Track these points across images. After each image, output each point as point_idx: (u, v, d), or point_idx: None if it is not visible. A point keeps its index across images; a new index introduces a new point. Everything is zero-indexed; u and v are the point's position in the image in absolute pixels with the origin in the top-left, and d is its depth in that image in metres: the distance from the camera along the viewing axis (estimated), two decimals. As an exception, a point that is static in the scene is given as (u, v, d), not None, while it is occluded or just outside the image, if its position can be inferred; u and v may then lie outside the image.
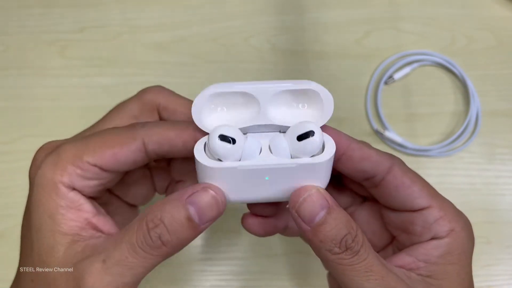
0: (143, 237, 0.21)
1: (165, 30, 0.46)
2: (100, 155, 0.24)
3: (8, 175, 0.42)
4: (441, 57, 0.44)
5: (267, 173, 0.22)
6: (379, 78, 0.44)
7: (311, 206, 0.22)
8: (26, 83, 0.45)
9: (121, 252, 0.21)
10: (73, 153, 0.24)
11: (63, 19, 0.46)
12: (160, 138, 0.24)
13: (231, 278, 0.40)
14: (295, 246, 0.40)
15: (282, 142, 0.23)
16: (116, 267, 0.21)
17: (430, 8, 0.46)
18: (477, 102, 0.42)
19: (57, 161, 0.24)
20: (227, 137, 0.22)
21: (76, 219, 0.24)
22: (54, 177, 0.23)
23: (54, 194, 0.23)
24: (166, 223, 0.21)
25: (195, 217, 0.22)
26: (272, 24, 0.46)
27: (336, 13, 0.46)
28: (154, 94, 0.28)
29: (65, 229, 0.23)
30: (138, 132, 0.24)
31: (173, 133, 0.24)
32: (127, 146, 0.24)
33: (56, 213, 0.23)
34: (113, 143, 0.24)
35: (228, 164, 0.22)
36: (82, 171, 0.24)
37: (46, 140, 0.43)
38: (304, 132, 0.22)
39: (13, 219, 0.41)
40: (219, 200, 0.22)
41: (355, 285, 0.22)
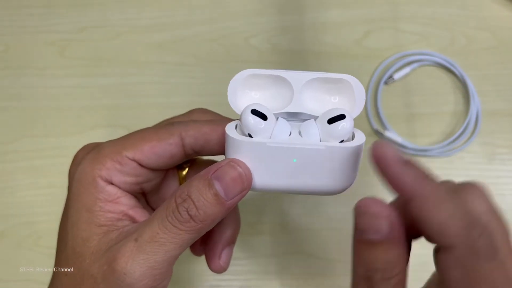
0: (172, 212, 0.22)
1: (165, 30, 0.46)
2: (140, 149, 0.25)
3: (8, 175, 0.42)
4: (441, 57, 0.44)
5: (295, 155, 0.22)
6: (379, 78, 0.44)
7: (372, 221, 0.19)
8: (26, 83, 0.45)
9: (152, 229, 0.22)
10: (112, 149, 0.25)
11: (63, 19, 0.46)
12: (196, 133, 0.25)
13: (231, 278, 0.40)
14: (295, 246, 0.40)
15: (313, 127, 0.23)
16: (148, 244, 0.22)
17: (430, 8, 0.46)
18: (477, 102, 0.42)
19: (96, 157, 0.25)
20: (259, 111, 0.22)
21: (113, 211, 0.24)
22: (93, 171, 0.25)
23: (93, 187, 0.24)
24: (193, 198, 0.22)
25: (221, 192, 0.22)
26: (272, 24, 0.46)
27: (336, 13, 0.46)
28: (200, 114, 0.29)
29: (102, 221, 0.24)
30: (175, 127, 0.25)
31: (208, 128, 0.25)
32: (165, 140, 0.25)
33: (94, 205, 0.24)
34: (152, 138, 0.25)
35: (258, 139, 0.22)
36: (120, 165, 0.25)
37: (46, 140, 0.43)
38: (335, 115, 0.22)
39: (13, 219, 0.42)
40: (243, 174, 0.22)
41: None
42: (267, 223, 0.41)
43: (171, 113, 0.30)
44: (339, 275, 0.40)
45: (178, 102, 0.44)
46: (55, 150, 0.43)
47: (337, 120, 0.22)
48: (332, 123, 0.22)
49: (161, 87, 0.44)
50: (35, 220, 0.41)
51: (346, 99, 0.24)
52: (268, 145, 0.22)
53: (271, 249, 0.40)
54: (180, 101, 0.44)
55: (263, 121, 0.22)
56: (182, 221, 0.22)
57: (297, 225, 0.41)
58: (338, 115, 0.22)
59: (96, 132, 0.43)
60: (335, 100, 0.25)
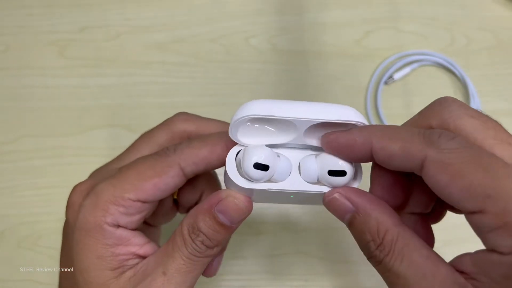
0: (191, 246, 0.24)
1: (165, 30, 0.46)
2: (141, 189, 0.24)
3: (8, 175, 0.42)
4: (441, 57, 0.44)
5: (293, 193, 0.24)
6: (379, 78, 0.44)
7: (335, 211, 0.23)
8: (26, 83, 0.45)
9: (176, 262, 0.24)
10: (111, 192, 0.24)
11: (63, 19, 0.46)
12: (195, 159, 0.25)
13: (231, 278, 0.40)
14: (295, 246, 0.40)
15: (312, 165, 0.24)
16: (177, 275, 0.24)
17: (430, 8, 0.46)
18: (477, 102, 0.42)
19: (96, 202, 0.24)
20: (262, 164, 0.23)
21: (124, 253, 0.25)
22: (96, 219, 0.24)
23: (101, 235, 0.24)
24: (204, 231, 0.24)
25: (226, 222, 0.24)
26: (272, 24, 0.46)
27: (336, 13, 0.46)
28: (182, 122, 0.28)
29: (115, 265, 0.24)
30: (173, 158, 0.25)
31: (206, 151, 0.25)
32: (165, 174, 0.25)
33: (105, 252, 0.24)
34: (151, 174, 0.25)
35: (259, 186, 0.23)
36: (125, 208, 0.24)
37: (46, 140, 0.43)
38: (337, 170, 0.23)
39: (13, 219, 0.41)
40: (243, 206, 0.24)
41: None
42: (267, 223, 0.41)
43: (171, 113, 0.30)
44: (339, 275, 0.40)
45: (178, 102, 0.44)
46: (55, 150, 0.43)
47: (338, 175, 0.23)
48: (332, 175, 0.23)
49: (161, 87, 0.44)
50: (35, 220, 0.41)
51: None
52: (268, 191, 0.23)
53: (271, 249, 0.40)
54: (180, 101, 0.44)
55: (265, 172, 0.23)
56: (200, 251, 0.24)
57: (297, 225, 0.41)
58: (340, 171, 0.23)
59: (96, 132, 0.43)
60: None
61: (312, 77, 0.44)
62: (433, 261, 0.20)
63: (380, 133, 0.21)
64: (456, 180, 0.19)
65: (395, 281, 0.20)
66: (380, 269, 0.21)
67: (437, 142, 0.20)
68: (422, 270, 0.20)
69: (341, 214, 0.22)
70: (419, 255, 0.20)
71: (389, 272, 0.20)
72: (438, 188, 0.20)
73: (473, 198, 0.19)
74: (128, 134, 0.43)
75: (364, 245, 0.22)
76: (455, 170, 0.19)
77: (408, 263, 0.20)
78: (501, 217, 0.18)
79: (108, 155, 0.32)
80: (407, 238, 0.21)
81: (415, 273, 0.20)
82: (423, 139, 0.20)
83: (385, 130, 0.22)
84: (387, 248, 0.20)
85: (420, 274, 0.20)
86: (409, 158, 0.20)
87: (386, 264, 0.20)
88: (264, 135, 0.24)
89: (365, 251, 0.22)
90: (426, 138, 0.20)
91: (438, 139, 0.20)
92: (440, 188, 0.19)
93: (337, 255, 0.40)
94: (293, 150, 0.24)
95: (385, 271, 0.21)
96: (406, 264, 0.20)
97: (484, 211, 0.18)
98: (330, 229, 0.40)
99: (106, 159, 0.31)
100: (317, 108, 0.23)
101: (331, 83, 0.44)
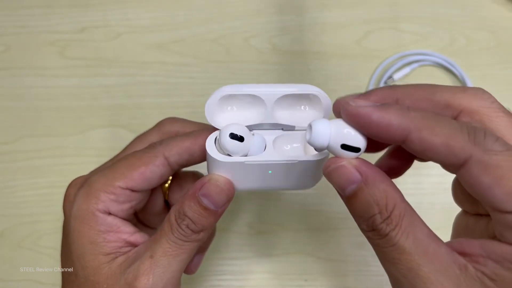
0: (176, 230, 0.25)
1: (165, 30, 0.46)
2: (130, 177, 0.26)
3: (8, 175, 0.42)
4: (441, 57, 0.44)
5: (270, 167, 0.25)
6: (379, 78, 0.44)
7: (340, 178, 0.21)
8: (27, 83, 0.45)
9: (162, 246, 0.25)
10: (103, 181, 0.27)
11: (63, 19, 0.46)
12: (179, 149, 0.27)
13: (231, 278, 0.40)
14: (295, 246, 0.40)
15: (325, 129, 0.22)
16: (163, 258, 0.25)
17: (430, 8, 0.46)
18: (477, 102, 0.42)
19: (89, 191, 0.26)
20: (237, 135, 0.24)
21: (116, 240, 0.26)
22: (89, 207, 0.26)
23: (93, 222, 0.26)
24: (189, 215, 0.25)
25: (210, 205, 0.25)
26: (272, 24, 0.46)
27: (336, 14, 0.46)
28: (171, 124, 0.30)
29: (107, 250, 0.26)
30: (158, 149, 0.27)
31: (189, 142, 0.27)
32: (151, 164, 0.27)
33: (97, 237, 0.26)
34: (139, 163, 0.27)
35: (237, 159, 0.25)
36: (115, 196, 0.26)
37: (46, 140, 0.43)
38: (353, 146, 0.22)
39: (13, 219, 0.42)
40: (224, 188, 0.25)
41: (382, 265, 0.22)
42: (267, 223, 0.41)
43: (171, 113, 0.30)
44: (339, 275, 0.40)
45: (178, 102, 0.44)
46: (55, 150, 0.43)
47: (352, 150, 0.22)
48: (345, 149, 0.22)
49: (161, 87, 0.44)
50: (35, 220, 0.41)
51: (314, 107, 0.27)
52: (246, 163, 0.25)
53: (271, 249, 0.40)
54: (180, 101, 0.44)
55: (240, 142, 0.24)
56: (186, 235, 0.25)
57: (297, 225, 0.41)
58: (355, 147, 0.22)
59: (96, 132, 0.43)
60: (305, 109, 0.27)
61: (312, 77, 0.44)
62: (434, 239, 0.20)
63: (422, 122, 0.20)
64: (501, 182, 0.19)
65: (397, 256, 0.20)
66: (382, 242, 0.21)
67: (483, 143, 0.20)
68: (425, 246, 0.20)
69: (345, 184, 0.21)
70: (422, 232, 0.20)
71: (393, 247, 0.20)
72: (480, 188, 0.20)
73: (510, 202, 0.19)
74: (128, 134, 0.43)
75: (367, 217, 0.21)
76: (501, 173, 0.19)
77: (413, 239, 0.20)
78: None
79: (108, 155, 0.32)
80: (412, 214, 0.21)
81: (419, 250, 0.20)
82: (468, 137, 0.20)
83: (427, 119, 0.20)
84: (395, 222, 0.20)
85: (423, 251, 0.20)
86: (451, 155, 0.20)
87: (392, 239, 0.20)
88: (238, 117, 0.26)
89: (367, 223, 0.21)
90: (471, 136, 0.20)
91: (484, 140, 0.20)
92: (482, 188, 0.19)
93: (337, 255, 0.40)
94: (267, 131, 0.26)
95: (388, 245, 0.20)
96: (411, 241, 0.20)
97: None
98: (330, 229, 0.40)
99: (106, 159, 0.31)
100: (277, 85, 0.26)
101: (331, 83, 0.44)
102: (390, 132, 0.20)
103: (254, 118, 0.26)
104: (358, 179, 0.21)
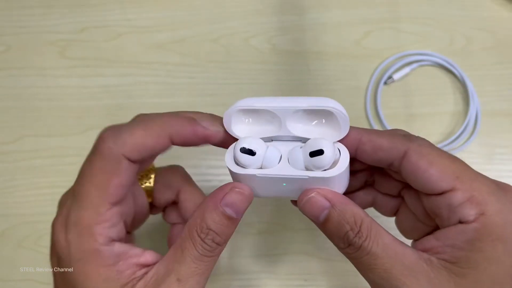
0: (202, 246, 0.24)
1: (165, 30, 0.46)
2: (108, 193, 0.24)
3: (8, 175, 0.42)
4: (441, 57, 0.44)
5: (284, 181, 0.25)
6: (378, 78, 0.44)
7: (313, 208, 0.25)
8: (27, 83, 0.45)
9: (188, 265, 0.24)
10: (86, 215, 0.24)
11: (63, 19, 0.46)
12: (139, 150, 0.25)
13: (232, 277, 0.40)
14: (295, 246, 0.40)
15: (298, 154, 0.25)
16: (191, 279, 0.24)
17: (430, 8, 0.46)
18: (477, 102, 0.43)
19: (81, 231, 0.24)
20: (248, 149, 0.25)
21: (128, 268, 0.25)
22: (90, 246, 0.24)
23: (100, 259, 0.24)
24: (214, 229, 0.24)
25: (233, 214, 0.25)
26: (272, 24, 0.46)
27: (336, 14, 0.46)
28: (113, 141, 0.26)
29: (123, 281, 0.24)
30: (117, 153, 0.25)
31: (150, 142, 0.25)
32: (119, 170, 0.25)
33: (110, 273, 0.24)
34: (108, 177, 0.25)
35: (249, 171, 0.26)
36: (109, 222, 0.25)
37: (46, 140, 0.43)
38: (315, 150, 0.24)
39: (13, 219, 0.42)
40: (246, 194, 0.25)
41: (363, 275, 0.24)
42: (267, 223, 0.41)
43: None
44: (339, 275, 0.40)
45: (178, 102, 0.44)
46: (55, 150, 0.43)
47: (317, 154, 0.24)
48: (313, 156, 0.24)
49: (161, 87, 0.44)
50: (35, 220, 0.41)
51: (332, 120, 0.26)
52: (258, 176, 0.25)
53: (271, 249, 0.40)
54: (180, 101, 0.44)
55: (252, 156, 0.25)
56: (211, 249, 0.25)
57: (297, 225, 0.41)
58: (318, 150, 0.24)
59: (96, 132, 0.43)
60: (322, 122, 0.26)
61: (312, 77, 0.44)
62: (399, 243, 0.24)
63: (370, 131, 0.26)
64: (433, 165, 0.24)
65: (373, 262, 0.23)
66: (358, 254, 0.24)
67: (415, 140, 0.25)
68: (394, 249, 0.24)
69: (318, 211, 0.25)
70: (388, 238, 0.24)
71: (368, 255, 0.23)
72: (419, 172, 0.24)
73: (446, 178, 0.24)
74: (128, 134, 0.43)
75: (341, 236, 0.24)
76: (432, 158, 0.24)
77: (382, 245, 0.24)
78: (468, 193, 0.23)
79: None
80: (377, 226, 0.24)
81: (389, 253, 0.23)
82: (404, 137, 0.25)
83: (371, 129, 0.26)
84: (365, 234, 0.24)
85: (393, 253, 0.23)
86: (394, 149, 0.25)
87: (365, 248, 0.23)
88: (256, 128, 0.27)
89: (343, 241, 0.24)
90: (406, 137, 0.25)
91: (416, 139, 0.26)
92: (421, 171, 0.24)
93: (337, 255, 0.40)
94: (285, 142, 0.27)
95: (364, 254, 0.24)
96: (381, 246, 0.23)
97: (454, 189, 0.23)
98: (330, 229, 0.40)
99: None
100: (294, 99, 0.26)
101: (331, 83, 0.44)
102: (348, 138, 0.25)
103: (270, 130, 0.27)
104: (327, 205, 0.24)
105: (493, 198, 0.23)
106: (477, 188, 0.23)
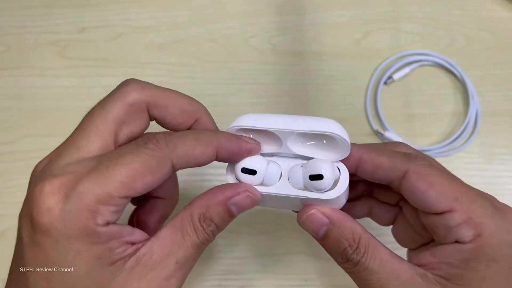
0: (202, 234, 0.25)
1: (165, 30, 0.46)
2: (132, 187, 0.23)
3: (8, 175, 0.42)
4: (441, 58, 0.44)
5: (284, 198, 0.26)
6: (378, 78, 0.44)
7: (312, 224, 0.26)
8: (27, 83, 0.45)
9: (188, 251, 0.25)
10: (98, 192, 0.23)
11: (63, 19, 0.46)
12: (187, 157, 0.25)
13: (232, 277, 0.40)
14: (295, 246, 0.40)
15: (298, 174, 0.26)
16: (187, 264, 0.25)
17: (430, 8, 0.46)
18: (477, 102, 0.43)
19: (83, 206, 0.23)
20: (248, 169, 0.26)
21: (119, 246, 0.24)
22: (87, 223, 0.23)
23: (94, 237, 0.23)
24: (216, 222, 0.25)
25: (236, 213, 0.26)
26: (272, 24, 0.46)
27: (335, 14, 0.46)
28: (138, 92, 0.27)
29: (114, 259, 0.24)
30: (166, 154, 0.24)
31: (199, 152, 0.25)
32: (159, 173, 0.24)
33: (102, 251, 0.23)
34: (144, 171, 0.23)
35: None
36: (115, 207, 0.23)
37: (46, 140, 0.43)
38: (315, 174, 0.25)
39: (13, 219, 0.41)
40: (256, 201, 0.26)
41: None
42: (267, 223, 0.41)
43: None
44: (339, 275, 0.39)
45: (178, 102, 0.44)
46: (55, 150, 0.43)
47: (317, 179, 0.25)
48: (312, 179, 0.25)
49: (161, 87, 0.44)
50: (35, 220, 0.41)
51: (333, 142, 0.26)
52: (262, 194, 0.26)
53: (271, 249, 0.40)
54: (180, 101, 0.44)
55: (252, 176, 0.26)
56: (209, 239, 0.26)
57: (297, 225, 0.41)
58: (317, 175, 0.25)
59: (96, 132, 0.43)
60: (323, 143, 0.26)
61: (312, 77, 0.44)
62: (396, 258, 0.25)
63: (370, 148, 0.26)
64: (432, 186, 0.25)
65: (370, 277, 0.24)
66: (356, 269, 0.25)
67: (415, 160, 0.26)
68: (390, 265, 0.25)
69: (317, 228, 0.26)
70: (385, 254, 0.25)
71: (365, 270, 0.24)
72: (418, 193, 0.25)
73: (445, 200, 0.24)
74: (128, 134, 0.43)
75: (340, 251, 0.25)
76: (431, 179, 0.25)
77: (379, 261, 0.24)
78: (466, 214, 0.24)
79: (109, 155, 0.32)
80: (375, 241, 0.25)
81: (386, 268, 0.24)
82: (404, 157, 0.26)
83: (373, 146, 0.27)
84: (363, 250, 0.25)
85: (389, 269, 0.24)
86: (394, 169, 0.25)
87: (363, 264, 0.24)
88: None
89: (341, 256, 0.25)
90: (406, 156, 0.26)
91: (416, 158, 0.26)
92: (420, 192, 0.25)
93: (337, 255, 0.40)
94: (286, 158, 0.27)
95: (361, 270, 0.25)
96: (378, 262, 0.24)
97: (452, 210, 0.24)
98: (330, 229, 0.40)
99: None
100: (295, 119, 0.25)
101: (331, 83, 0.44)
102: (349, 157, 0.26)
103: (271, 147, 0.27)
104: (326, 221, 0.25)
105: (489, 220, 0.24)
106: (475, 210, 0.24)
